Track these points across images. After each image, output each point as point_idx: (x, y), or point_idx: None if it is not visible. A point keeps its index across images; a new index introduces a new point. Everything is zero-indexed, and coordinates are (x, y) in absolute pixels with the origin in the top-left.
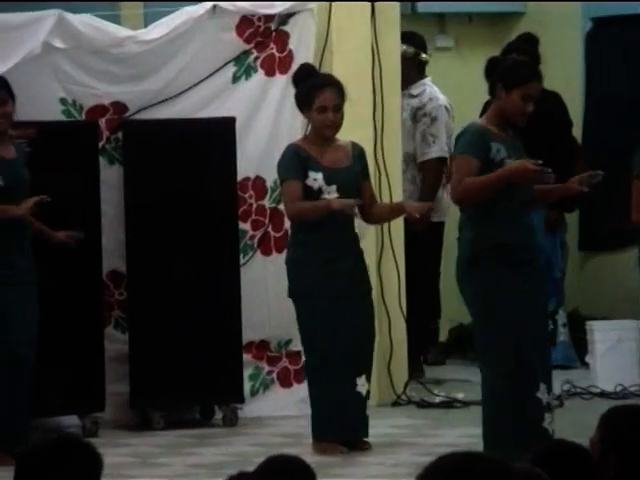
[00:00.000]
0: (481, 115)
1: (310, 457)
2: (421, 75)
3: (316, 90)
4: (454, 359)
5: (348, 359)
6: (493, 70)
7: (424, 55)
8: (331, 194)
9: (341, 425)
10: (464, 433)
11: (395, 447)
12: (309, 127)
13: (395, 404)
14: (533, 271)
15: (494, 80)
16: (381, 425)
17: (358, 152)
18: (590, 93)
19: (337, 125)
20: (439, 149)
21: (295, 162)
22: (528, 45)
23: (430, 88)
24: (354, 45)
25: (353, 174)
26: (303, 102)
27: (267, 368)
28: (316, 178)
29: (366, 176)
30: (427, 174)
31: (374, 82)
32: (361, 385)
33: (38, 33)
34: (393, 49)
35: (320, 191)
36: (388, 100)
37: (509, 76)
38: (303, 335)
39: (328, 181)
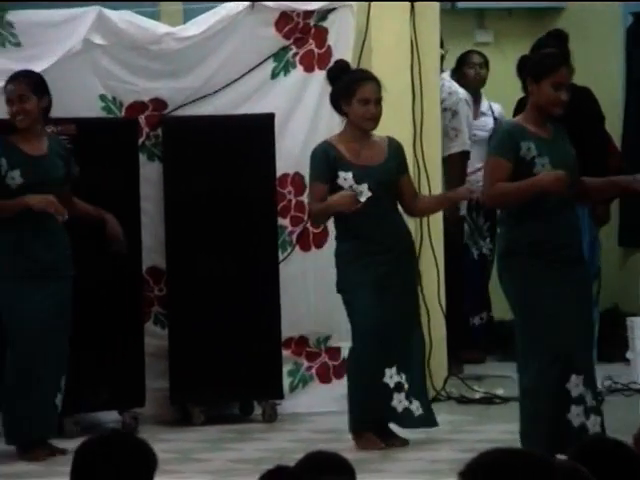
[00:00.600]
0: (514, 113)
1: (349, 453)
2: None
3: (357, 83)
4: (496, 355)
5: (382, 351)
6: (524, 67)
7: (441, 50)
8: (363, 193)
9: (370, 416)
10: (504, 429)
11: (434, 443)
12: (345, 124)
13: (435, 400)
14: (576, 270)
15: (525, 76)
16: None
17: (394, 147)
18: (631, 88)
19: (377, 118)
20: (461, 143)
21: (323, 163)
22: (557, 41)
23: (448, 82)
24: (393, 41)
25: (387, 170)
26: (342, 95)
27: (306, 364)
28: (346, 178)
29: (404, 170)
30: (451, 168)
31: (413, 78)
32: (389, 377)
33: (78, 30)
34: (432, 45)
35: (351, 190)
36: (427, 96)
37: (537, 68)
38: (351, 326)
39: (358, 180)
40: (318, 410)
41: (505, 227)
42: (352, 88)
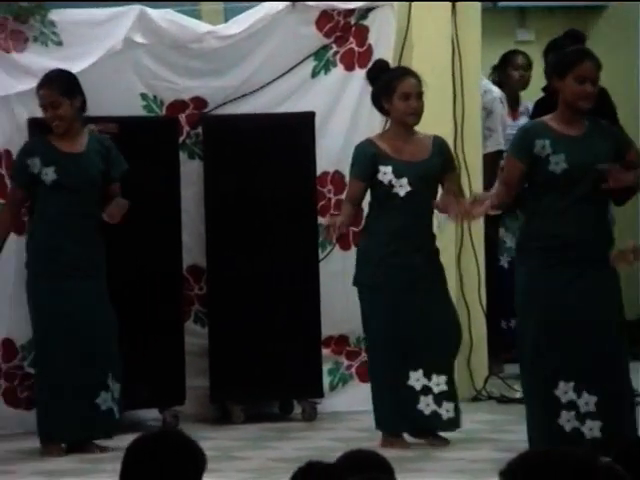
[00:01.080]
0: (534, 114)
1: (388, 452)
2: None
3: (397, 79)
4: None
5: (402, 352)
6: (548, 67)
7: None
8: (403, 187)
9: (396, 418)
10: None
11: (475, 443)
12: (387, 123)
13: (475, 399)
14: (596, 270)
15: (550, 76)
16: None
17: (439, 145)
18: None
19: (419, 113)
20: (496, 142)
21: (362, 160)
22: (573, 41)
23: (483, 81)
24: (434, 39)
25: (429, 167)
26: (383, 93)
27: (346, 363)
28: (385, 172)
29: (451, 168)
30: (485, 168)
31: (454, 77)
32: (414, 379)
33: (120, 29)
34: (474, 43)
35: (391, 185)
36: (468, 95)
37: (560, 64)
38: (364, 324)
39: (397, 174)
40: (358, 409)
41: (521, 222)
42: (392, 85)
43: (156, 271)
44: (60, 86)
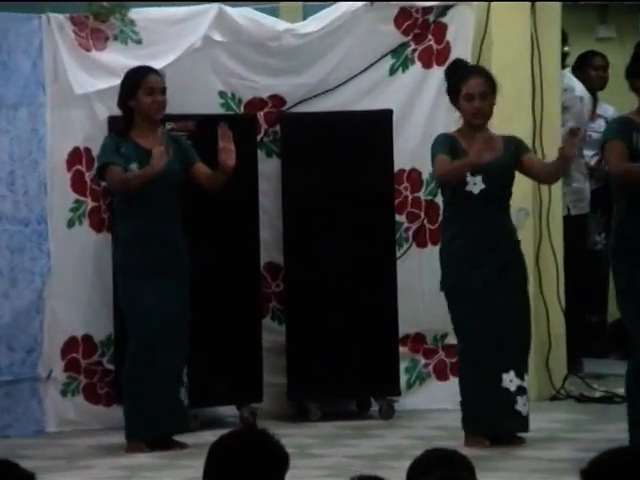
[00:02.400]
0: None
1: (467, 450)
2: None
3: (462, 79)
4: (617, 353)
5: (493, 354)
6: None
7: (565, 48)
8: (477, 185)
9: (485, 419)
10: (624, 428)
11: (553, 442)
12: (460, 121)
13: (554, 399)
14: None
15: (629, 76)
16: (539, 420)
17: (508, 141)
18: None
19: (484, 113)
20: None
21: (443, 142)
22: None
23: (568, 79)
24: (514, 36)
25: (502, 166)
26: (451, 94)
27: (423, 361)
28: None
29: (524, 150)
30: None
31: (533, 74)
32: (508, 380)
33: (198, 27)
34: (554, 40)
35: (465, 182)
36: (548, 92)
37: (636, 62)
38: (454, 326)
39: (473, 172)
40: (435, 407)
41: (615, 223)
42: (457, 86)
43: (234, 268)
44: (164, 76)
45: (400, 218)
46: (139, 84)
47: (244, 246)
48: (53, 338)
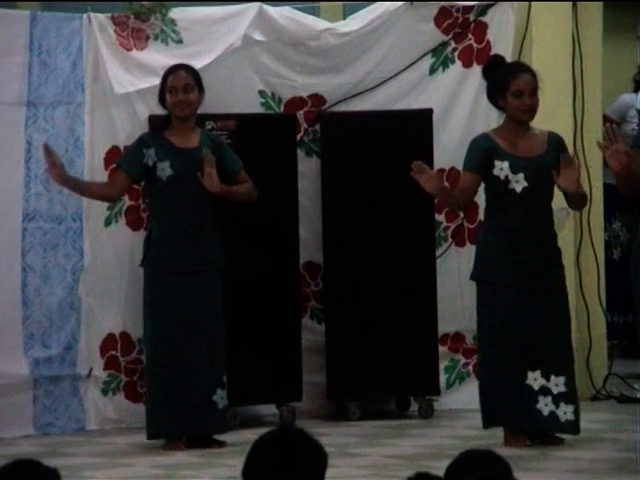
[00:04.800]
0: None
1: (505, 450)
2: None
3: (511, 75)
4: None
5: (519, 350)
6: None
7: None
8: (519, 182)
9: (509, 416)
10: None
11: (594, 442)
12: (504, 119)
13: (594, 399)
14: None
15: None
16: (580, 420)
17: (555, 141)
18: None
19: (533, 109)
20: None
21: (476, 153)
22: None
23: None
24: (554, 35)
25: (545, 163)
26: (498, 89)
27: (463, 360)
28: (502, 167)
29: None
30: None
31: (574, 72)
32: (533, 379)
33: (239, 26)
34: (595, 38)
35: (507, 180)
36: (589, 91)
37: None
38: (479, 319)
39: (514, 169)
40: (475, 407)
41: None
42: (506, 81)
43: (273, 267)
44: (194, 73)
45: (439, 217)
46: (164, 84)
47: (283, 245)
48: (91, 336)
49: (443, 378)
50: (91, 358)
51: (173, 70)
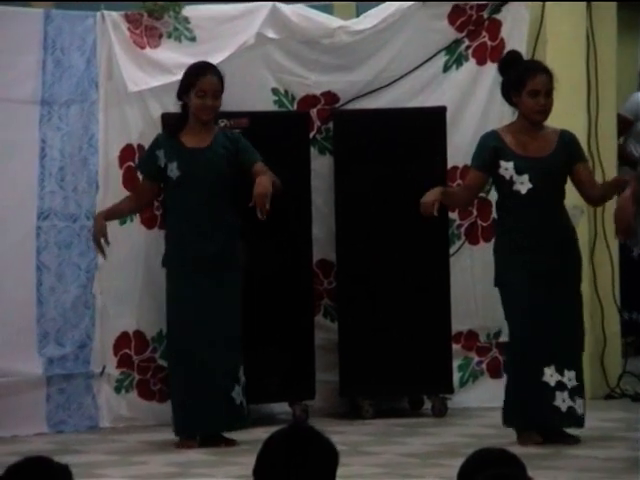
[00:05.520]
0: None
1: (519, 449)
2: None
3: (528, 74)
4: None
5: (538, 348)
6: None
7: None
8: (524, 184)
9: (525, 413)
10: None
11: (608, 441)
12: (515, 115)
13: (608, 397)
14: None
15: None
16: (594, 418)
17: (565, 139)
18: None
19: (547, 110)
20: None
21: (482, 151)
22: None
23: None
24: (569, 34)
25: (552, 163)
26: (513, 87)
27: (477, 359)
28: (507, 167)
29: (578, 159)
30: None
31: (588, 71)
32: (549, 375)
33: (252, 24)
34: (609, 37)
35: (512, 181)
36: (603, 89)
37: None
38: (508, 323)
39: (519, 170)
40: (488, 405)
41: None
42: (522, 80)
43: (286, 265)
44: (221, 78)
45: (452, 215)
46: (193, 84)
47: (296, 243)
48: (105, 334)
49: (456, 376)
50: (104, 356)
51: (203, 72)
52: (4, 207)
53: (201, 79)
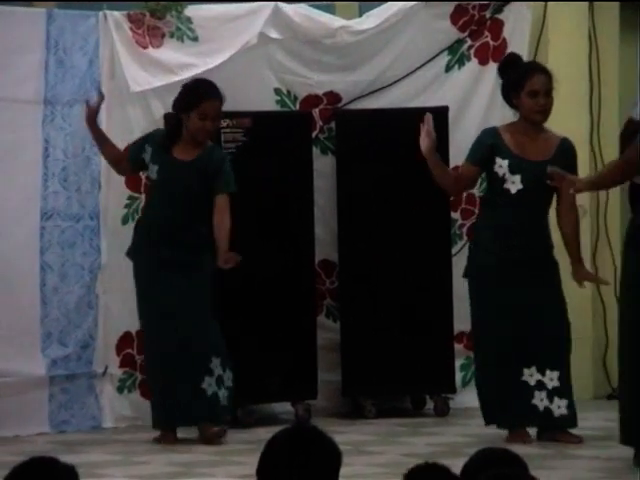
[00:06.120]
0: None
1: (521, 449)
2: None
3: (526, 75)
4: None
5: (512, 347)
6: None
7: None
8: (515, 184)
9: (505, 412)
10: None
11: (610, 441)
12: (516, 117)
13: (610, 397)
14: None
15: None
16: (596, 418)
17: (565, 148)
18: None
19: (547, 110)
20: None
21: (479, 147)
22: None
23: None
24: (571, 34)
25: (546, 169)
26: (512, 88)
27: None
28: (502, 165)
29: (572, 172)
30: None
31: (591, 70)
32: (529, 375)
33: (254, 24)
34: (611, 36)
35: (503, 179)
36: (605, 88)
37: None
38: (472, 317)
39: (512, 170)
40: None
41: None
42: (521, 81)
43: (288, 265)
44: (223, 100)
45: (454, 215)
46: (195, 106)
47: (298, 243)
48: (108, 334)
49: (459, 376)
50: (107, 356)
51: (207, 95)
52: (8, 208)
53: (204, 102)
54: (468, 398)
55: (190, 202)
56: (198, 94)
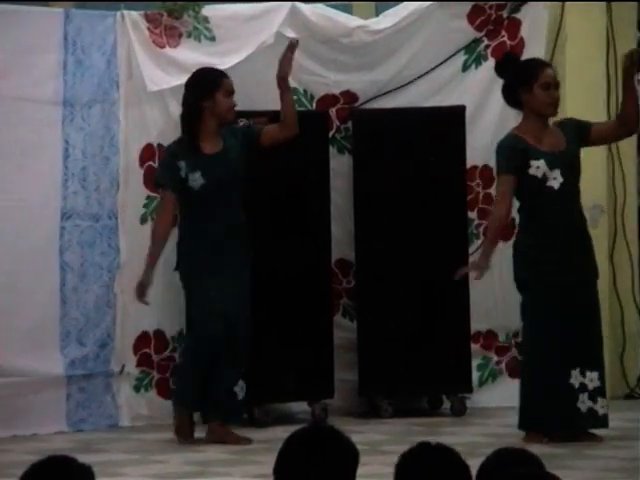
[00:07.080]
0: None
1: (539, 448)
2: None
3: (537, 68)
4: None
5: (563, 351)
6: None
7: None
8: (557, 179)
9: (550, 416)
10: None
11: (628, 441)
12: (522, 116)
13: (628, 397)
14: None
15: None
16: (613, 418)
17: (566, 126)
18: None
19: (558, 104)
20: None
21: (511, 155)
22: None
23: None
24: (588, 33)
25: (572, 154)
26: (522, 83)
27: (496, 358)
28: (539, 166)
29: (587, 126)
30: None
31: (608, 70)
32: (574, 378)
33: (271, 24)
34: (629, 35)
35: (545, 178)
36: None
37: None
38: (524, 322)
39: (551, 165)
40: (507, 405)
41: None
42: (534, 73)
43: (305, 265)
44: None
45: (471, 214)
46: (218, 85)
47: (315, 242)
48: (125, 333)
49: (475, 376)
50: (124, 355)
51: (224, 74)
52: (29, 207)
53: (225, 80)
54: (485, 398)
55: (237, 189)
56: (214, 75)
